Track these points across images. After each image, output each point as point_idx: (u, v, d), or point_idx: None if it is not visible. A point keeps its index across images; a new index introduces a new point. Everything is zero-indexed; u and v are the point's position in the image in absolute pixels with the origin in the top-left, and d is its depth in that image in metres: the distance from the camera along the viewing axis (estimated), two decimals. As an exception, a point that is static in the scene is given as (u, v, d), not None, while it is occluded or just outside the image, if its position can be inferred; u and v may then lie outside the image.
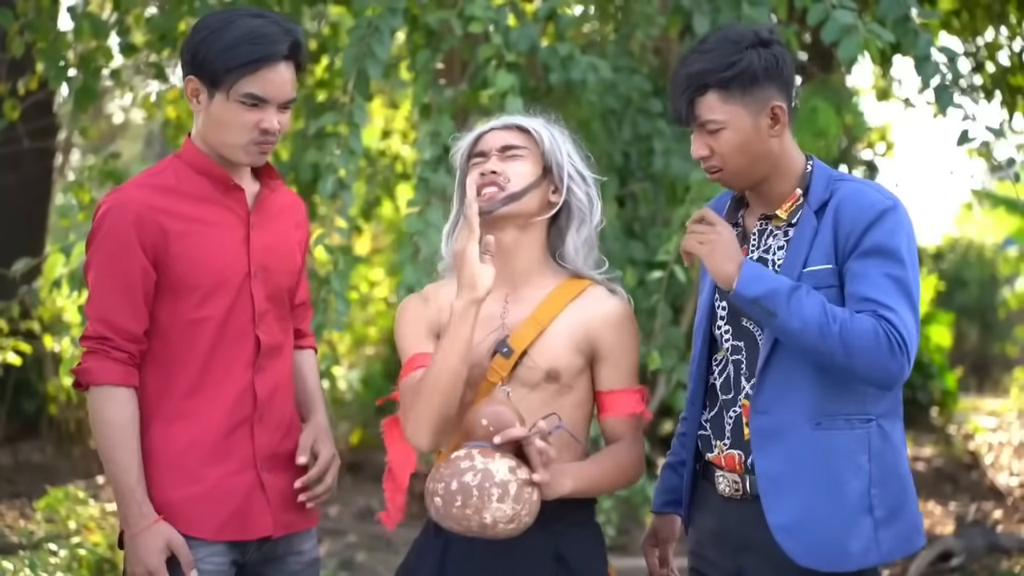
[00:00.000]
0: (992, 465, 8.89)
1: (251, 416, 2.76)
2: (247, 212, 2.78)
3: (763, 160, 2.62)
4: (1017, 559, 6.44)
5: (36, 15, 5.37)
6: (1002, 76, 7.17)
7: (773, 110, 2.60)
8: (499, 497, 2.45)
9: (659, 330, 5.10)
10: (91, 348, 2.69)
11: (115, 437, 2.66)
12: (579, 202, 2.73)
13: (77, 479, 7.25)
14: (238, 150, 2.72)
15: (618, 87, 5.36)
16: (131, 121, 11.77)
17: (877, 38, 4.27)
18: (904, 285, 2.53)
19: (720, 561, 2.71)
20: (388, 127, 8.35)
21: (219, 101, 2.69)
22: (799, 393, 2.57)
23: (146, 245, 2.67)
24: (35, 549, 5.06)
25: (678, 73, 2.63)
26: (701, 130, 2.62)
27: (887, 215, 2.55)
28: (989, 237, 14.09)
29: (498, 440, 2.48)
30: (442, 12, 4.92)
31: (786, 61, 2.63)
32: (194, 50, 2.71)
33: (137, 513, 2.65)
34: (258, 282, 2.77)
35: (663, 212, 5.62)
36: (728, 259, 2.55)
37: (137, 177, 2.83)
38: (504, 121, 2.76)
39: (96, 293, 2.69)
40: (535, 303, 2.70)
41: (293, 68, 2.73)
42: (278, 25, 2.71)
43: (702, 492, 2.77)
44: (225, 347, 2.74)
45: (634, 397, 2.73)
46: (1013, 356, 13.16)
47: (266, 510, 2.77)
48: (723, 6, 5.01)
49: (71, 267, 5.13)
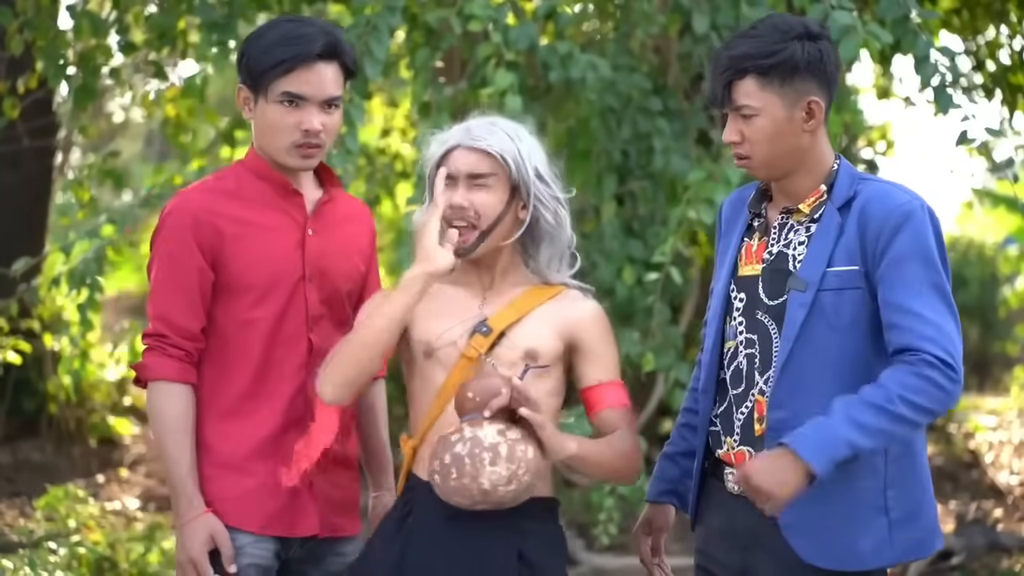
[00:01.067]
0: (992, 464, 8.88)
1: (304, 417, 2.82)
2: (305, 217, 2.84)
3: (792, 153, 2.61)
4: (1017, 558, 6.43)
5: (36, 13, 5.37)
6: (1002, 75, 7.16)
7: (809, 104, 2.58)
8: (491, 460, 2.48)
9: (656, 329, 5.10)
10: (150, 345, 2.79)
11: (169, 430, 2.75)
12: (546, 222, 2.73)
13: (77, 478, 7.25)
14: (283, 153, 2.79)
15: (617, 86, 5.36)
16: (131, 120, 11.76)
17: (876, 39, 4.27)
18: (942, 290, 2.53)
19: (727, 559, 2.70)
20: (388, 125, 8.34)
21: (262, 105, 2.77)
22: (818, 392, 2.56)
23: (203, 246, 2.76)
24: (35, 548, 5.06)
25: (720, 54, 2.61)
26: (735, 115, 2.60)
27: (915, 216, 2.54)
28: (989, 236, 14.07)
29: (487, 412, 2.51)
30: (441, 11, 4.92)
31: (831, 57, 2.61)
32: (240, 58, 2.81)
33: (187, 504, 2.75)
34: (312, 286, 2.83)
35: (662, 210, 5.61)
36: (790, 471, 2.45)
37: (202, 181, 2.93)
38: (473, 140, 2.70)
39: (156, 292, 2.79)
40: (513, 297, 2.72)
41: (336, 68, 2.78)
42: (315, 27, 2.79)
43: (711, 489, 2.76)
44: (278, 348, 2.81)
45: (621, 390, 2.74)
46: (1013, 355, 13.13)
47: (312, 509, 2.83)
48: (722, 5, 5.00)
49: (70, 266, 5.13)
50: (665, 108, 5.52)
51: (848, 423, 2.44)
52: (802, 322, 2.57)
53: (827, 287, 2.57)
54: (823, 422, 2.46)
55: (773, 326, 2.64)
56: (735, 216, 2.79)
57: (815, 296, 2.57)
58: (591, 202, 5.73)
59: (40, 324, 7.52)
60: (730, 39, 2.64)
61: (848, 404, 2.46)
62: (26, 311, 6.83)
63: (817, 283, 2.57)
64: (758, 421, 2.64)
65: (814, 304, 2.57)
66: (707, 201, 4.73)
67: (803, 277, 2.59)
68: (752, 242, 2.71)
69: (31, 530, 5.64)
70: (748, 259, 2.71)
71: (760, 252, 2.69)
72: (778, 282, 2.64)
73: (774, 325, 2.63)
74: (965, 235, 14.11)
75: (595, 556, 6.39)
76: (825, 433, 2.44)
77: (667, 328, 5.28)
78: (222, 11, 4.87)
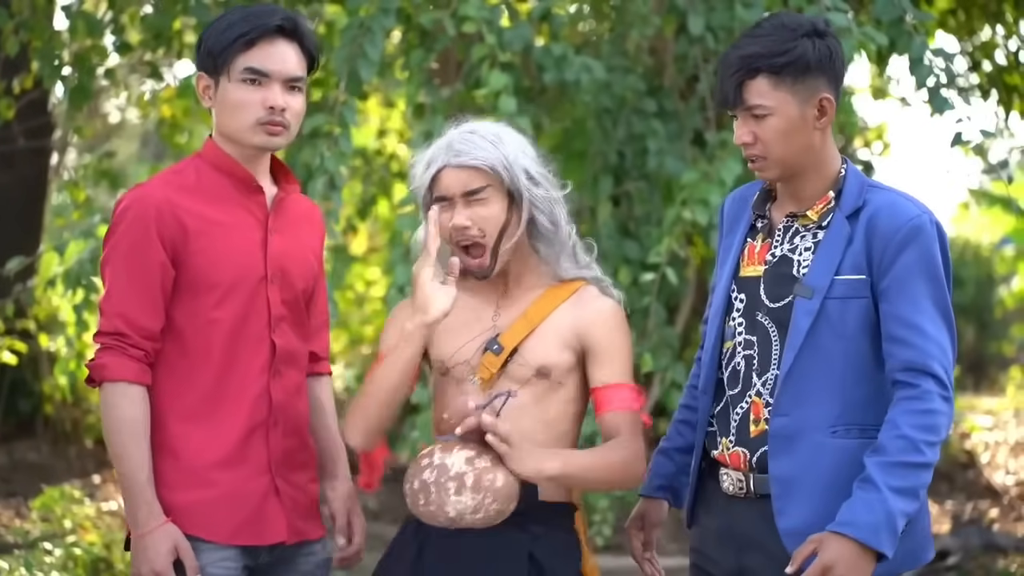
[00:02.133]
0: (988, 464, 8.89)
1: (267, 421, 2.74)
2: (266, 215, 2.77)
3: (805, 152, 2.59)
4: (1013, 558, 6.43)
5: (31, 14, 5.37)
6: (998, 75, 7.17)
7: (821, 102, 2.57)
8: (456, 490, 2.48)
9: (653, 330, 5.10)
10: (106, 344, 2.65)
11: (127, 435, 2.63)
12: (542, 224, 2.71)
13: (73, 478, 7.24)
14: (247, 132, 2.70)
15: (612, 87, 5.36)
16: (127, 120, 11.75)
17: (871, 40, 4.27)
18: (943, 306, 2.55)
19: (722, 560, 2.69)
20: (384, 126, 8.34)
21: (224, 85, 2.70)
22: (821, 400, 2.56)
23: (165, 240, 2.66)
24: (31, 548, 5.05)
25: (729, 55, 2.59)
26: (747, 115, 2.58)
27: (924, 231, 2.54)
28: (986, 236, 14.08)
29: (458, 432, 2.50)
30: (436, 12, 4.92)
31: (839, 54, 2.60)
32: (198, 46, 2.75)
33: (146, 513, 2.62)
34: (275, 286, 2.75)
35: (657, 211, 5.61)
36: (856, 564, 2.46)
37: (158, 175, 2.81)
38: (459, 159, 2.65)
39: (113, 288, 2.66)
40: (526, 306, 2.70)
41: (297, 49, 2.73)
42: (272, 7, 2.74)
43: (707, 490, 2.75)
44: (241, 350, 2.72)
45: (630, 392, 2.71)
46: (1009, 355, 13.15)
47: (281, 515, 2.76)
48: (717, 6, 5.01)
49: (66, 266, 5.13)
50: (661, 109, 5.52)
51: (894, 494, 2.47)
52: (808, 330, 2.56)
53: (834, 295, 2.56)
54: (875, 501, 2.47)
55: (773, 329, 2.63)
56: (738, 214, 2.77)
57: (821, 304, 2.56)
58: (587, 203, 5.74)
59: (36, 324, 7.52)
60: (738, 39, 2.61)
61: (884, 471, 2.48)
62: (22, 311, 6.83)
63: (824, 291, 2.56)
64: (754, 423, 2.64)
65: (820, 312, 2.56)
66: (702, 201, 4.74)
67: (810, 284, 2.58)
68: (755, 243, 2.70)
69: (27, 531, 5.63)
70: (750, 260, 2.70)
71: (763, 254, 2.68)
72: (780, 285, 2.64)
73: (774, 328, 2.63)
74: (961, 235, 14.11)
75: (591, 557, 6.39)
76: (881, 514, 2.46)
77: (663, 329, 5.28)
78: (217, 12, 4.87)
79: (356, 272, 9.48)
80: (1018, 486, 8.13)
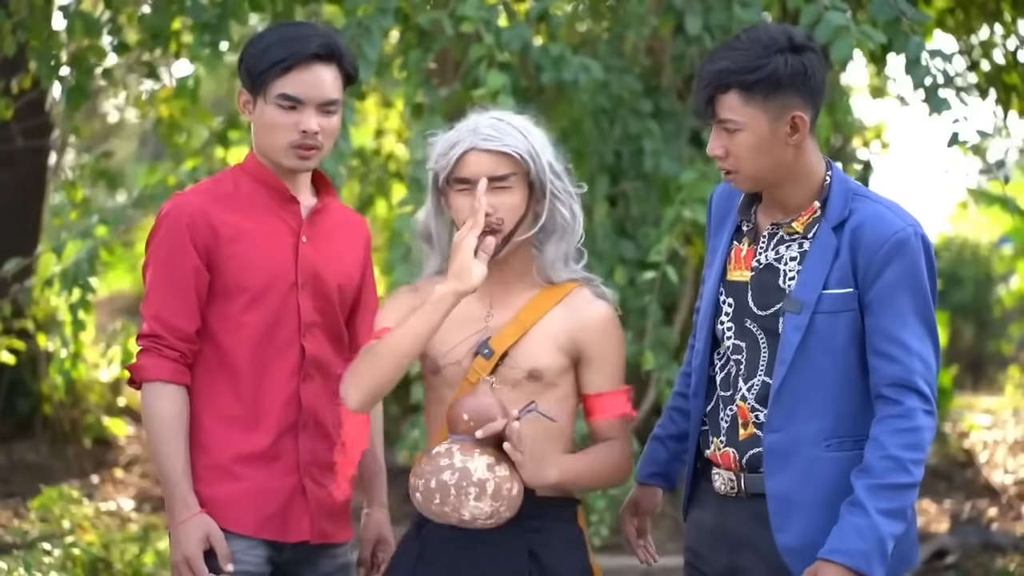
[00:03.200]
0: (987, 463, 8.89)
1: (296, 423, 2.83)
2: (299, 223, 2.84)
3: (778, 168, 2.59)
4: (1012, 557, 6.44)
5: (29, 14, 5.36)
6: (996, 74, 7.16)
7: (793, 119, 2.56)
8: (476, 496, 2.49)
9: (650, 329, 5.10)
10: (145, 346, 2.78)
11: (163, 431, 2.75)
12: (562, 217, 2.70)
13: (71, 479, 7.25)
14: (280, 153, 2.79)
15: (610, 87, 5.36)
16: (125, 120, 11.74)
17: (869, 39, 4.27)
18: (928, 321, 2.57)
19: (715, 559, 2.70)
20: (382, 126, 8.34)
21: (260, 106, 2.78)
22: (814, 415, 2.57)
23: (199, 246, 2.77)
24: (29, 549, 5.05)
25: (705, 68, 2.60)
26: (719, 128, 2.59)
27: (908, 245, 2.55)
28: (984, 235, 14.07)
29: (480, 435, 2.50)
30: (434, 12, 4.92)
31: (815, 70, 2.58)
32: (240, 62, 2.82)
33: (181, 504, 2.74)
34: (306, 293, 2.83)
35: (654, 211, 5.61)
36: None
37: (198, 184, 2.95)
38: (487, 143, 2.62)
39: (152, 293, 2.79)
40: (520, 306, 2.69)
41: (335, 71, 2.79)
42: (313, 29, 2.80)
43: (701, 490, 2.77)
44: (271, 354, 2.81)
45: (622, 398, 2.74)
46: (1008, 354, 13.13)
47: (305, 515, 2.84)
48: (715, 6, 5.01)
49: (63, 266, 5.13)
50: (658, 109, 5.52)
51: (883, 517, 2.49)
52: (798, 345, 2.56)
53: (822, 310, 2.56)
54: (865, 527, 2.48)
55: (762, 336, 2.64)
56: (725, 213, 2.78)
57: (811, 319, 2.56)
58: (583, 203, 5.73)
59: (34, 324, 7.53)
60: (713, 52, 2.62)
61: (873, 494, 2.49)
62: (20, 311, 6.83)
63: (813, 305, 2.56)
64: (742, 426, 2.65)
65: (809, 327, 2.56)
66: (701, 200, 4.74)
67: (798, 299, 2.57)
68: (741, 247, 2.71)
69: (25, 531, 5.64)
70: (737, 264, 2.70)
71: (748, 259, 2.68)
72: (767, 294, 2.64)
73: (763, 335, 2.64)
74: (959, 235, 14.11)
75: (589, 556, 6.39)
76: (872, 540, 2.48)
77: (660, 329, 5.28)
78: (214, 12, 4.87)
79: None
80: (1016, 485, 8.14)
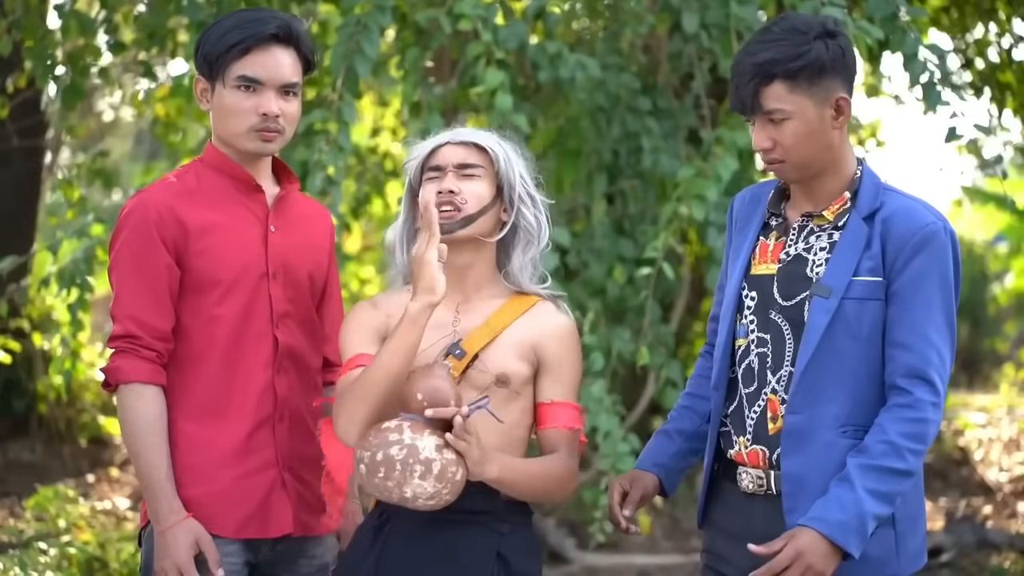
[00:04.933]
0: (982, 461, 8.91)
1: (273, 415, 2.79)
2: (267, 213, 2.81)
3: (825, 152, 2.61)
4: (1007, 554, 6.45)
5: (24, 13, 5.35)
6: (991, 73, 7.17)
7: (838, 102, 2.59)
8: (421, 474, 2.48)
9: (648, 328, 5.10)
10: (120, 348, 2.72)
11: (144, 434, 2.69)
12: (528, 224, 2.75)
13: (67, 478, 7.25)
14: (242, 138, 2.75)
15: (607, 85, 5.36)
16: (121, 119, 11.74)
17: (867, 35, 4.28)
18: (949, 316, 2.58)
19: (737, 558, 2.68)
20: (377, 124, 8.33)
21: (219, 91, 2.75)
22: (834, 399, 2.58)
23: (167, 242, 2.71)
24: (25, 548, 5.05)
25: (743, 62, 2.60)
26: (764, 120, 2.59)
27: (938, 239, 2.57)
28: (979, 233, 14.10)
29: (429, 414, 2.49)
30: (431, 10, 4.92)
31: (851, 53, 2.62)
32: (196, 48, 2.79)
33: (167, 509, 2.69)
34: (277, 283, 2.80)
35: (652, 209, 5.61)
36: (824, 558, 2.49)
37: (159, 180, 2.88)
38: (461, 136, 2.74)
39: (122, 293, 2.72)
40: (487, 313, 2.72)
41: (293, 55, 2.77)
42: (270, 13, 2.77)
43: (723, 490, 2.76)
44: (244, 346, 2.77)
45: (573, 412, 2.75)
46: (1003, 352, 13.17)
47: (288, 508, 2.80)
48: (712, 3, 5.01)
49: (59, 265, 5.12)
50: (655, 107, 5.52)
51: (869, 496, 2.49)
52: (825, 329, 2.58)
53: (851, 296, 2.58)
54: (848, 500, 2.49)
55: (787, 326, 2.64)
56: (750, 213, 2.78)
57: (839, 304, 2.57)
58: (581, 201, 5.74)
59: (30, 324, 7.52)
60: (750, 45, 2.62)
61: (863, 472, 2.50)
62: (15, 311, 6.82)
63: (842, 291, 2.58)
64: (771, 420, 2.65)
65: (837, 312, 2.57)
66: (698, 197, 4.74)
67: (827, 284, 2.59)
68: (768, 241, 2.71)
69: (21, 530, 5.63)
70: (763, 258, 2.71)
71: (777, 252, 2.69)
72: (793, 284, 2.65)
73: (787, 326, 2.64)
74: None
75: (587, 555, 6.40)
76: (853, 514, 2.49)
77: (658, 326, 5.28)
78: (210, 11, 4.86)
79: (350, 271, 9.46)
80: (1011, 483, 8.15)
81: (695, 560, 5.90)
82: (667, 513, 6.88)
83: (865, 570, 2.57)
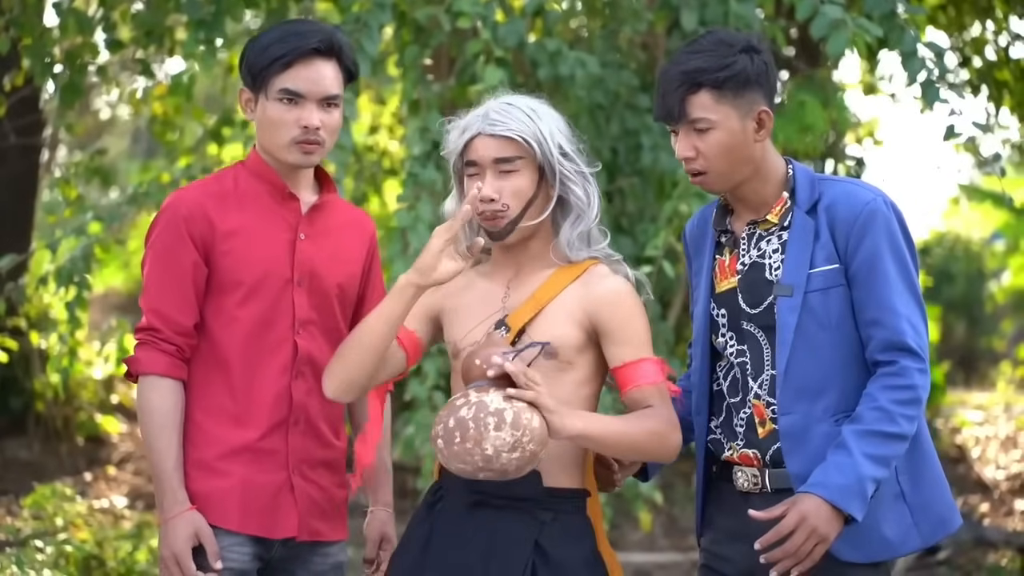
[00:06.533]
0: (979, 459, 8.92)
1: (287, 420, 2.82)
2: (298, 220, 2.85)
3: (746, 164, 2.65)
4: (1003, 552, 6.46)
5: (21, 11, 5.34)
6: (988, 71, 7.18)
7: (760, 115, 2.64)
8: (495, 425, 2.44)
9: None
10: (142, 340, 2.78)
11: (157, 426, 2.75)
12: (576, 199, 2.70)
13: (64, 476, 7.24)
14: (283, 150, 2.80)
15: (606, 82, 5.36)
16: (118, 117, 11.73)
17: (866, 33, 4.28)
18: (911, 283, 2.63)
19: (736, 557, 2.70)
20: (375, 123, 8.33)
21: (262, 104, 2.80)
22: (820, 392, 2.62)
23: (196, 240, 2.77)
24: (22, 546, 5.04)
25: (670, 71, 2.64)
26: (689, 129, 2.63)
27: (879, 213, 2.62)
28: (976, 231, 14.13)
29: (491, 373, 2.48)
30: (430, 7, 4.92)
31: (773, 70, 2.68)
32: (241, 60, 2.83)
33: (172, 500, 2.74)
34: (302, 290, 2.83)
35: (651, 207, 5.62)
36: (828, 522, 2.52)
37: (199, 180, 2.95)
38: (494, 128, 2.66)
39: (150, 287, 2.79)
40: (534, 287, 2.70)
41: (335, 67, 2.81)
42: (313, 25, 2.82)
43: (719, 492, 2.78)
44: (263, 349, 2.80)
45: (651, 366, 2.65)
46: (1000, 350, 13.19)
47: (293, 512, 2.82)
48: (710, 1, 5.01)
49: (57, 263, 5.12)
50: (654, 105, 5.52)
51: (866, 459, 2.53)
52: (796, 326, 2.61)
53: (813, 288, 2.62)
54: (846, 465, 2.52)
55: (760, 333, 2.68)
56: (701, 237, 2.82)
57: (803, 298, 2.61)
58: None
59: (27, 322, 7.51)
60: (677, 55, 2.67)
61: (858, 438, 2.54)
62: (13, 309, 6.81)
63: (803, 285, 2.62)
64: (760, 424, 2.68)
65: (804, 307, 2.62)
66: (698, 195, 4.75)
67: (788, 283, 2.63)
68: (724, 258, 2.75)
69: (18, 528, 5.62)
70: (723, 275, 2.75)
71: (733, 266, 2.73)
72: (757, 291, 2.68)
73: (760, 332, 2.68)
74: (952, 231, 14.15)
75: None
76: (852, 477, 2.52)
77: (657, 324, 5.29)
78: (209, 8, 4.86)
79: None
80: (1008, 481, 8.16)
81: (693, 558, 5.91)
82: (665, 511, 6.88)
83: (886, 550, 2.61)
